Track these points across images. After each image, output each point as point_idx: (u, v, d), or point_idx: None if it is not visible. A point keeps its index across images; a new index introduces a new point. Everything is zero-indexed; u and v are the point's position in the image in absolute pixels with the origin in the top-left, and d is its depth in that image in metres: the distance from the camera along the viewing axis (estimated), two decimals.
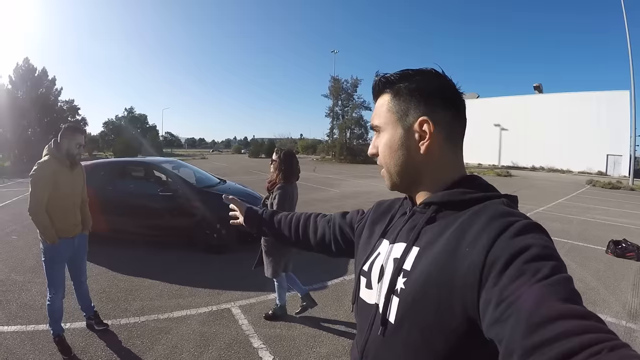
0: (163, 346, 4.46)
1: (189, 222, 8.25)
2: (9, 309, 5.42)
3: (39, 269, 6.78)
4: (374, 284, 1.19)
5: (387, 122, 1.17)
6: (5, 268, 7.18)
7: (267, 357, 4.23)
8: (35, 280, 6.49)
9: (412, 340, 1.00)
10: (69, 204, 4.35)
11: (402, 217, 1.25)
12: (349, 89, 61.43)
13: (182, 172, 9.60)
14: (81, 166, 4.63)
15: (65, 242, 4.32)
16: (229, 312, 5.32)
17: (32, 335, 4.71)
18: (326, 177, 28.66)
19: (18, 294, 5.97)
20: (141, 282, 6.45)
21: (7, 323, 5.01)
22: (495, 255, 0.85)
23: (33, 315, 5.24)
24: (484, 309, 0.82)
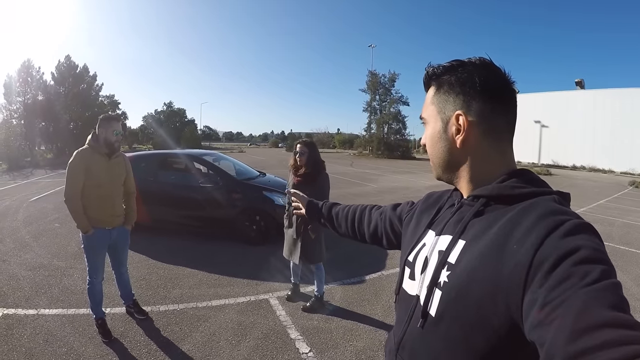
0: (201, 334, 4.55)
1: (229, 214, 8.36)
2: (50, 293, 5.64)
3: (81, 255, 6.96)
4: (417, 275, 1.19)
5: (430, 115, 1.18)
6: (48, 254, 7.48)
7: (304, 349, 4.25)
8: (76, 266, 6.73)
9: (451, 336, 0.99)
10: (105, 193, 4.39)
11: (449, 209, 1.23)
12: (387, 84, 60.32)
13: (222, 164, 9.72)
14: (123, 157, 4.68)
15: (101, 232, 4.39)
16: (267, 303, 5.36)
17: (73, 319, 4.89)
18: (363, 172, 28.54)
19: (60, 278, 6.22)
20: (180, 270, 6.59)
21: (48, 306, 5.22)
22: (544, 255, 0.82)
23: (74, 299, 5.45)
24: (528, 310, 0.80)
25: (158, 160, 9.75)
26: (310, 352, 4.18)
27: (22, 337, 4.45)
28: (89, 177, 4.26)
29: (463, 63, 1.12)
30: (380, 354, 4.13)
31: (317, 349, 4.25)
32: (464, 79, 1.10)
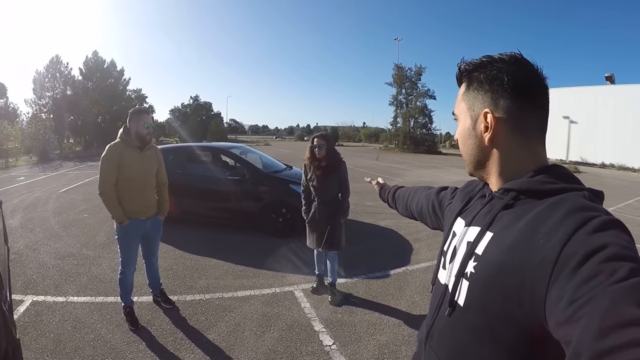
0: (226, 324, 4.59)
1: (255, 206, 8.41)
2: (79, 281, 5.77)
3: (109, 245, 7.18)
4: (447, 265, 1.22)
5: (460, 112, 1.20)
6: (77, 244, 7.66)
7: (327, 341, 4.24)
8: (105, 256, 6.89)
9: (476, 326, 1.00)
10: (138, 185, 4.46)
11: (480, 200, 1.24)
12: (413, 77, 59.38)
13: (249, 157, 9.77)
14: (155, 149, 4.75)
15: (135, 222, 4.46)
16: (292, 295, 5.38)
17: (101, 306, 4.99)
18: (389, 166, 28.44)
19: (89, 267, 6.35)
20: (207, 261, 6.66)
21: (77, 294, 5.34)
22: (571, 250, 0.81)
23: (102, 287, 5.56)
24: (553, 306, 0.79)
25: (186, 153, 9.84)
26: (334, 345, 4.18)
27: (50, 323, 4.55)
28: (121, 170, 4.33)
29: (493, 59, 1.11)
30: (403, 349, 4.11)
31: (341, 342, 4.24)
32: (492, 76, 1.09)
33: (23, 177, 20.06)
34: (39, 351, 4.02)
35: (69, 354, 3.97)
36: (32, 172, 22.80)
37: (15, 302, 4.97)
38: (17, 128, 35.49)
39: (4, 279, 4.20)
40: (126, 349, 4.05)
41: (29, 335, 4.31)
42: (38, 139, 35.15)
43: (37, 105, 50.43)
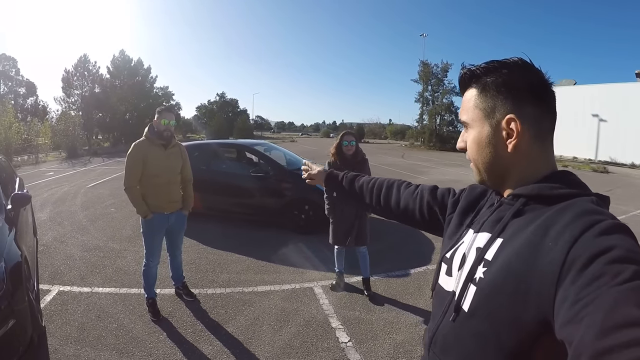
0: (245, 317, 4.67)
1: (278, 203, 8.49)
2: (105, 273, 5.95)
3: (134, 239, 7.34)
4: (454, 272, 1.20)
5: (474, 118, 1.15)
6: (104, 237, 7.87)
7: (344, 338, 4.27)
8: (130, 249, 7.06)
9: (482, 331, 1.00)
10: (162, 181, 4.58)
11: (489, 208, 1.22)
12: (439, 74, 58.86)
13: (273, 154, 9.84)
14: (180, 147, 4.87)
15: (159, 216, 4.59)
16: (311, 291, 5.43)
17: (124, 297, 5.14)
18: (414, 163, 28.12)
19: (114, 260, 6.53)
20: (229, 256, 6.77)
21: (102, 285, 5.52)
22: (577, 253, 0.82)
23: (126, 279, 5.72)
24: (559, 307, 0.80)
25: (211, 149, 10.00)
26: (350, 342, 4.20)
27: (75, 312, 4.71)
28: (146, 167, 4.47)
29: (506, 64, 1.10)
30: (419, 349, 4.10)
31: (357, 339, 4.26)
32: (511, 81, 1.08)
33: (52, 172, 20.56)
34: (63, 338, 4.16)
35: (92, 342, 4.11)
36: (61, 168, 23.33)
37: (42, 292, 5.16)
38: (46, 125, 36.35)
39: (32, 270, 4.36)
40: (147, 339, 4.16)
41: (54, 323, 4.46)
42: (67, 135, 35.88)
43: (66, 103, 51.74)
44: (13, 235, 4.08)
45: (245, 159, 10.05)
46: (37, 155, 30.72)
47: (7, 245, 3.78)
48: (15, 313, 3.37)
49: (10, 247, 3.82)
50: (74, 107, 50.97)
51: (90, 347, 4.02)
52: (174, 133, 4.75)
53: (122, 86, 55.67)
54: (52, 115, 47.52)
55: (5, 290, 3.34)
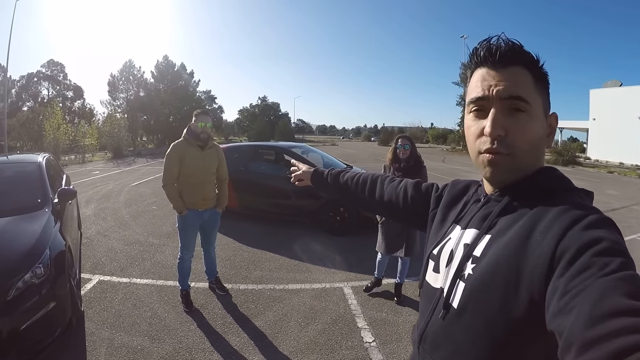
0: (274, 313, 4.78)
1: (314, 204, 8.56)
2: (143, 265, 6.21)
3: (174, 235, 7.57)
4: (442, 268, 1.19)
5: (534, 102, 1.03)
6: (145, 232, 8.18)
7: (368, 338, 4.30)
8: (169, 244, 7.31)
9: (472, 327, 1.00)
10: (198, 181, 4.77)
11: (475, 204, 1.21)
12: None
13: (310, 156, 9.98)
14: (217, 148, 5.05)
15: (194, 213, 4.78)
16: (341, 291, 5.48)
17: (160, 289, 5.36)
18: (455, 168, 27.68)
19: (153, 254, 6.79)
20: (263, 254, 6.91)
21: (140, 276, 5.77)
22: (566, 245, 0.84)
23: (163, 272, 5.95)
24: (550, 299, 0.80)
25: (249, 151, 10.22)
26: (374, 342, 4.22)
27: (113, 300, 4.95)
28: (183, 166, 4.67)
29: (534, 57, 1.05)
30: None
31: (381, 340, 4.29)
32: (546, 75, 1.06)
33: (98, 171, 21.30)
34: (100, 323, 4.39)
35: (127, 327, 4.32)
36: (107, 167, 24.07)
37: (83, 280, 5.44)
38: (93, 127, 37.60)
39: (74, 259, 4.62)
40: (178, 328, 4.34)
41: (92, 309, 4.71)
42: (113, 136, 37.02)
43: (112, 106, 53.87)
44: (59, 227, 4.35)
45: (283, 161, 10.18)
46: (83, 155, 31.91)
47: (52, 235, 4.05)
48: (57, 297, 3.61)
49: (56, 237, 4.08)
50: (119, 110, 52.79)
51: (124, 332, 4.23)
52: (210, 135, 4.93)
53: (165, 90, 57.28)
54: (98, 118, 49.15)
55: (49, 275, 3.59)
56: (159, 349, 3.95)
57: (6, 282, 3.33)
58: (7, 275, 3.38)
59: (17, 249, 3.68)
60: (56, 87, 64.37)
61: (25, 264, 3.51)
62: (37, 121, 37.77)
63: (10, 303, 3.27)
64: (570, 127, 49.49)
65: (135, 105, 54.12)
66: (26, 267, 3.49)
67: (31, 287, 3.43)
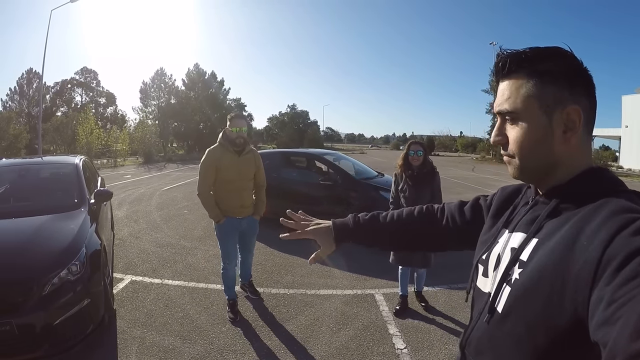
0: (306, 317, 4.74)
1: (346, 211, 8.39)
2: (175, 268, 6.26)
3: (205, 239, 7.69)
4: (490, 273, 1.17)
5: (526, 108, 1.04)
6: (177, 235, 8.26)
7: (400, 345, 4.23)
8: (200, 247, 7.37)
9: (515, 332, 0.97)
10: (234, 187, 4.66)
11: (524, 207, 1.19)
12: None
13: (342, 164, 9.90)
14: (254, 153, 4.91)
15: (231, 220, 4.67)
16: (372, 298, 5.42)
17: (192, 291, 5.38)
18: (484, 177, 27.18)
19: (185, 256, 6.85)
20: (295, 260, 6.89)
21: (172, 278, 5.81)
22: (613, 252, 0.78)
23: (195, 274, 5.99)
24: (594, 308, 0.76)
25: (281, 158, 10.23)
26: (405, 349, 4.15)
27: (145, 300, 4.99)
28: (219, 172, 4.58)
29: (560, 51, 1.04)
30: None
31: (413, 347, 4.21)
32: (570, 70, 1.03)
33: (130, 175, 21.74)
34: (131, 322, 4.43)
35: (158, 327, 4.34)
36: (138, 172, 24.56)
37: (115, 280, 5.50)
38: (125, 132, 38.51)
39: (108, 259, 4.67)
40: (210, 329, 4.34)
41: (124, 307, 4.76)
42: (144, 142, 37.80)
43: (144, 113, 55.24)
44: (95, 227, 4.42)
45: (314, 167, 10.16)
46: (115, 160, 32.69)
47: (88, 235, 4.12)
48: (91, 294, 3.67)
49: (92, 237, 4.16)
50: (150, 117, 53.94)
51: (155, 331, 4.25)
52: (247, 140, 4.79)
53: (196, 97, 58.38)
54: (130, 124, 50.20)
55: (84, 273, 3.64)
56: (190, 349, 3.95)
57: (42, 277, 3.39)
58: (44, 271, 3.45)
59: (55, 246, 3.75)
60: (89, 94, 66.07)
61: (62, 261, 3.58)
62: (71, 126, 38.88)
63: (46, 298, 3.34)
64: (601, 135, 46.90)
65: (166, 112, 55.13)
66: (62, 264, 3.55)
67: (66, 283, 3.49)
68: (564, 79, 1.01)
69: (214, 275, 5.93)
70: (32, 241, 3.81)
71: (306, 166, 10.15)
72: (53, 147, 39.61)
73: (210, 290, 5.35)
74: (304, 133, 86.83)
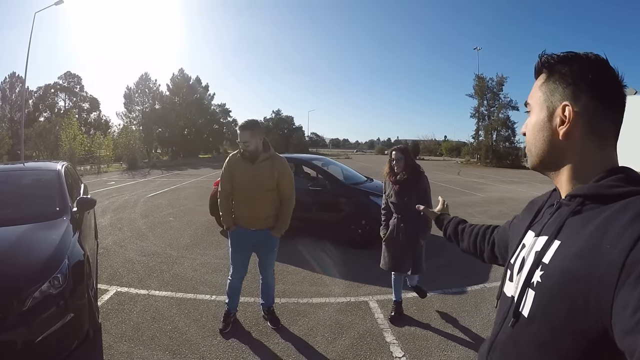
0: (299, 327, 4.61)
1: (335, 217, 8.46)
2: (162, 277, 6.08)
3: (192, 247, 7.60)
4: (514, 277, 1.17)
5: (536, 102, 1.15)
6: (162, 244, 8.09)
7: (398, 353, 4.14)
8: (187, 256, 7.22)
9: (540, 337, 0.97)
10: (244, 196, 4.42)
11: (549, 209, 1.19)
12: (495, 88, 57.13)
13: (330, 169, 9.82)
14: (274, 160, 4.52)
15: (241, 231, 4.47)
16: (366, 305, 5.32)
17: (180, 302, 5.21)
18: (470, 180, 27.62)
19: (171, 265, 6.67)
20: (285, 267, 6.73)
21: (159, 288, 5.63)
22: (637, 256, 0.77)
23: (182, 284, 5.81)
24: (619, 314, 0.76)
25: None
26: (404, 357, 4.07)
27: (131, 312, 4.81)
28: (233, 180, 4.44)
29: (578, 56, 1.09)
30: None
31: (411, 355, 4.13)
32: (576, 71, 1.06)
33: (113, 181, 21.52)
34: (118, 336, 4.24)
35: (146, 341, 4.16)
36: (122, 178, 24.32)
37: (100, 291, 5.30)
38: (109, 138, 38.31)
39: (92, 269, 4.49)
40: (200, 342, 4.18)
41: (110, 321, 4.57)
42: (128, 148, 37.56)
43: (128, 118, 54.91)
44: (77, 236, 4.25)
45: (302, 173, 10.05)
46: (99, 166, 32.40)
47: (71, 245, 3.95)
48: (75, 308, 3.50)
49: (74, 247, 3.99)
50: (134, 122, 53.68)
51: (143, 346, 4.07)
52: (257, 147, 4.41)
53: (181, 103, 58.20)
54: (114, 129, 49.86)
55: (67, 286, 3.48)
56: None
57: (23, 291, 3.21)
58: (24, 284, 3.26)
59: (35, 258, 3.57)
60: (73, 99, 65.00)
61: (43, 274, 3.39)
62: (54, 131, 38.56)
63: (27, 314, 3.16)
64: None
65: (151, 118, 54.87)
66: (44, 276, 3.36)
67: (48, 297, 3.31)
68: (569, 77, 1.07)
69: (202, 285, 5.80)
70: (11, 253, 3.61)
71: (294, 172, 10.01)
72: (36, 153, 39.16)
73: (199, 301, 5.17)
74: (289, 138, 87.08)
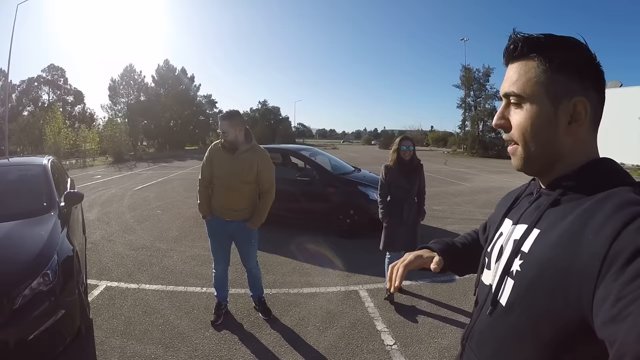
0: (290, 318, 4.64)
1: (323, 207, 8.49)
2: (151, 271, 6.07)
3: (181, 239, 7.55)
4: (492, 265, 1.16)
5: (533, 94, 1.01)
6: (151, 237, 8.05)
7: (389, 341, 4.19)
8: (176, 249, 7.21)
9: (519, 326, 0.96)
10: (223, 186, 4.41)
11: (527, 198, 1.18)
12: (481, 79, 57.37)
13: (318, 159, 9.82)
14: (255, 152, 4.49)
15: (217, 221, 4.47)
16: (357, 294, 5.35)
17: (171, 295, 5.21)
18: (457, 170, 27.72)
19: (160, 259, 6.66)
20: (275, 258, 6.77)
21: (149, 282, 5.62)
22: (619, 247, 0.76)
23: (172, 277, 5.82)
24: (600, 304, 0.75)
25: None
26: (395, 345, 4.11)
27: (122, 307, 4.80)
28: (213, 169, 4.43)
29: (575, 41, 1.00)
30: None
31: (402, 343, 4.17)
32: (582, 61, 0.99)
33: (100, 175, 21.34)
34: (109, 331, 4.23)
35: (138, 335, 4.16)
36: (108, 171, 24.12)
37: (90, 286, 5.27)
38: (94, 131, 37.98)
39: (81, 265, 4.46)
40: (193, 335, 4.19)
41: (101, 316, 4.56)
42: (113, 141, 37.23)
43: (113, 110, 54.25)
44: (66, 231, 4.20)
45: (290, 163, 10.03)
46: (84, 160, 32.13)
47: (60, 240, 3.90)
48: (65, 304, 3.46)
49: (63, 242, 3.94)
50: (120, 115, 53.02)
51: (136, 340, 4.07)
52: (237, 137, 4.38)
53: (166, 94, 57.74)
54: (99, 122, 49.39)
55: (57, 282, 3.44)
56: (174, 357, 3.79)
57: (12, 289, 3.16)
58: (14, 282, 3.21)
59: (24, 255, 3.52)
60: (57, 92, 64.20)
61: (33, 271, 3.35)
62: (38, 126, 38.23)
63: (17, 312, 3.12)
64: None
65: (136, 110, 54.30)
66: (33, 273, 3.32)
67: (39, 294, 3.27)
68: (575, 69, 0.99)
69: (192, 277, 5.80)
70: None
71: (282, 162, 9.97)
72: (20, 149, 38.78)
73: (190, 293, 5.18)
74: (275, 129, 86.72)
